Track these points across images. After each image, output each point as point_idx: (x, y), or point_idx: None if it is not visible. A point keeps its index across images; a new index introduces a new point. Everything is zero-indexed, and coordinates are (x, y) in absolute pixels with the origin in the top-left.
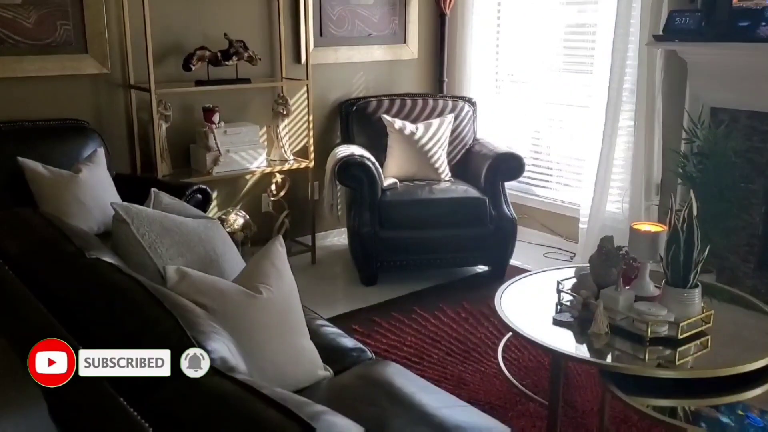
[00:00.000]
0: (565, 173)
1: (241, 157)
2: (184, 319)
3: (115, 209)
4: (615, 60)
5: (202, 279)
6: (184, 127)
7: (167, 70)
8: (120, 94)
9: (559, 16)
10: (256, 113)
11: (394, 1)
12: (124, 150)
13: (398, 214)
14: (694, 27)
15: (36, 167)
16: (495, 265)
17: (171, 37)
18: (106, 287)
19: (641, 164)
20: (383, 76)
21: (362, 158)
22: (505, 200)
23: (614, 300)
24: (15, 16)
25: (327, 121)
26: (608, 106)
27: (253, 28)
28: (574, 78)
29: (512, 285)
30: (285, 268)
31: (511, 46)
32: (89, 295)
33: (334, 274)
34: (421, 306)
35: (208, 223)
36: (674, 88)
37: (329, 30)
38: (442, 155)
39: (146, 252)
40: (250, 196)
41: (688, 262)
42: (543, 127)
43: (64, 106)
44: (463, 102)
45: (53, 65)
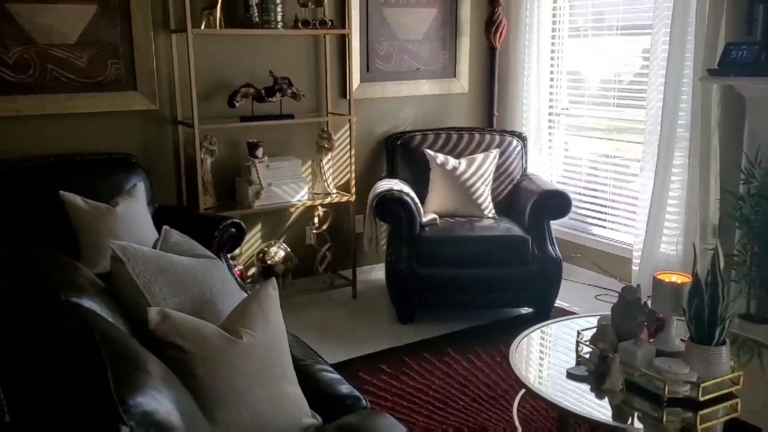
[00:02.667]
0: (620, 211)
1: (282, 190)
2: (120, 371)
3: (113, 248)
4: (668, 94)
5: (183, 321)
6: (230, 160)
7: (214, 107)
8: (168, 129)
9: (613, 48)
10: (300, 147)
11: (444, 36)
12: (171, 182)
13: (436, 251)
14: (751, 60)
15: (75, 200)
16: (539, 307)
17: (219, 75)
18: (55, 330)
19: (696, 204)
20: (432, 110)
21: (401, 193)
22: (551, 239)
23: (632, 354)
24: (68, 55)
25: (373, 155)
26: (661, 142)
27: (299, 65)
28: (628, 113)
29: (534, 332)
30: (273, 313)
31: (565, 80)
32: (36, 335)
33: (373, 310)
34: (455, 348)
35: (208, 262)
36: (732, 124)
37: (376, 65)
38: (486, 191)
39: (141, 292)
40: (294, 229)
41: (713, 317)
42: (599, 163)
43: (113, 141)
44: (512, 136)
45: (103, 102)
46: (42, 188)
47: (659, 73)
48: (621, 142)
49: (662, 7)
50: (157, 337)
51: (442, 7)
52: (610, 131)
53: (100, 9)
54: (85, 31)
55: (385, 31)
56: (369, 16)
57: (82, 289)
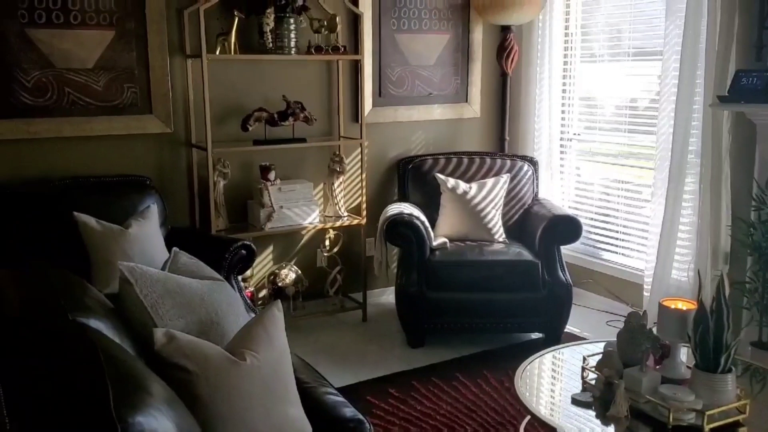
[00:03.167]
0: (631, 237)
1: (294, 213)
2: (122, 391)
3: (121, 269)
4: (678, 120)
5: (188, 343)
6: (243, 183)
7: (228, 130)
8: (182, 152)
9: (625, 73)
10: (312, 170)
11: (456, 62)
12: (184, 204)
13: (446, 275)
14: (762, 87)
15: (89, 221)
16: (549, 332)
17: (233, 99)
18: (61, 349)
19: (707, 231)
20: (444, 135)
21: (411, 217)
22: (561, 264)
23: (637, 381)
24: (86, 79)
25: (384, 179)
26: (672, 168)
27: (312, 90)
28: (639, 138)
29: (541, 357)
30: (278, 335)
31: (577, 105)
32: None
33: (382, 333)
34: (464, 372)
35: (215, 284)
36: (743, 151)
37: (389, 90)
38: (496, 215)
39: (148, 312)
40: (305, 251)
41: (718, 344)
42: (610, 188)
43: (128, 163)
44: (523, 161)
45: (119, 125)
46: (57, 209)
47: (670, 99)
48: (633, 168)
49: (672, 34)
50: (163, 357)
51: (454, 33)
52: (621, 156)
53: (118, 34)
54: (102, 55)
55: (397, 57)
56: (382, 42)
57: (90, 310)
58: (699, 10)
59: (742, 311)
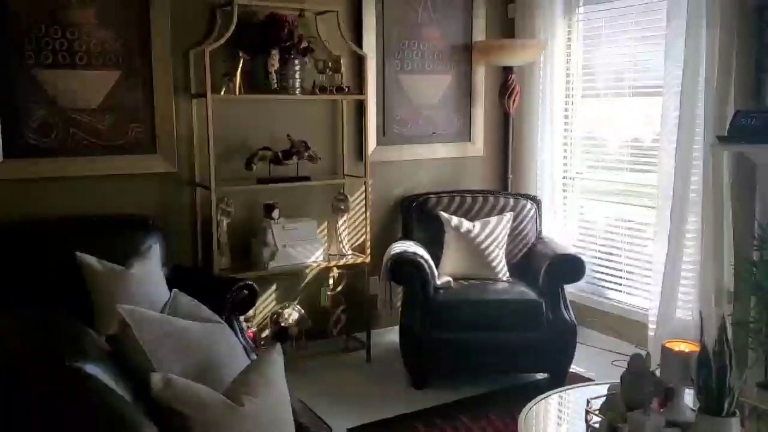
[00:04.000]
0: (635, 275)
1: (297, 251)
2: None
3: (120, 312)
4: (679, 159)
5: (185, 388)
6: (247, 221)
7: (232, 168)
8: (186, 191)
9: (626, 111)
10: (316, 208)
11: (459, 102)
12: (187, 243)
13: (450, 314)
14: (761, 127)
15: (91, 261)
16: (554, 373)
17: (237, 137)
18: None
19: (710, 270)
20: (448, 173)
21: (415, 255)
22: (565, 304)
23: (641, 425)
24: (91, 119)
25: (389, 217)
26: (674, 207)
27: (317, 128)
28: (641, 177)
29: (545, 400)
30: (277, 378)
31: (579, 144)
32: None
33: (387, 374)
34: (468, 414)
35: (214, 327)
36: (744, 190)
37: (393, 129)
38: (500, 254)
39: (146, 356)
40: (309, 290)
41: (721, 387)
42: (613, 226)
43: (131, 203)
44: (526, 200)
45: (123, 164)
46: (60, 249)
47: (671, 138)
48: (635, 207)
49: (672, 75)
50: (160, 402)
51: (457, 74)
52: (624, 195)
53: (124, 75)
54: (108, 96)
55: (401, 97)
56: (386, 82)
57: (87, 354)
58: (698, 51)
59: (747, 351)
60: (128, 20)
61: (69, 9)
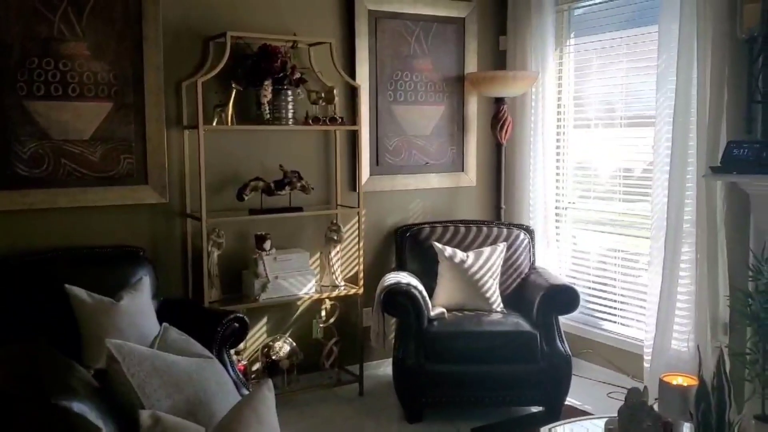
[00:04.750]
0: (630, 306)
1: (289, 283)
2: None
3: (108, 348)
4: (672, 189)
5: (174, 425)
6: (239, 253)
7: (224, 199)
8: (177, 222)
9: (618, 141)
10: (309, 239)
11: (452, 132)
12: (178, 275)
13: (444, 346)
14: (753, 158)
15: (80, 294)
16: (549, 405)
17: (229, 168)
18: None
19: (706, 301)
20: (441, 203)
21: (408, 287)
22: (559, 335)
23: None
24: (82, 150)
25: (382, 247)
26: (668, 237)
27: (309, 159)
28: (634, 206)
29: None
30: (267, 415)
31: (571, 174)
32: None
33: (380, 408)
34: None
35: (204, 362)
36: (738, 220)
37: (386, 159)
38: (494, 284)
39: (135, 392)
40: (301, 322)
41: (720, 422)
42: (607, 256)
43: (121, 234)
44: (519, 230)
45: (114, 195)
46: (49, 281)
47: (663, 168)
48: (628, 237)
49: (664, 105)
50: None
51: (449, 104)
52: (617, 225)
53: (116, 107)
54: (99, 127)
55: (394, 127)
56: (378, 113)
57: (74, 392)
58: (689, 82)
59: (744, 383)
60: (121, 52)
61: (62, 41)
